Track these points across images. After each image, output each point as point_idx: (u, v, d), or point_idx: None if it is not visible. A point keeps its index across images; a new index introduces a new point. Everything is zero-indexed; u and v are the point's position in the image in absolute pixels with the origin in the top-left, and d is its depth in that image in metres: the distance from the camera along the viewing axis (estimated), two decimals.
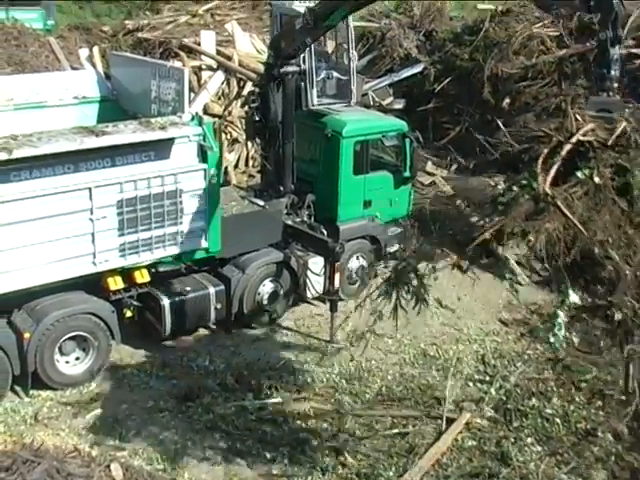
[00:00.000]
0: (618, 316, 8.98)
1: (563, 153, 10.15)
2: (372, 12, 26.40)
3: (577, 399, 12.62)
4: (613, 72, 11.31)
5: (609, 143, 10.89)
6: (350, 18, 15.07)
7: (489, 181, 18.38)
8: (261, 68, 19.37)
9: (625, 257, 9.25)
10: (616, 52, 11.26)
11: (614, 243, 9.34)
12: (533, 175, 12.61)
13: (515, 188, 10.48)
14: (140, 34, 23.82)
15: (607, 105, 11.38)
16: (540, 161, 10.40)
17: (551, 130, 12.49)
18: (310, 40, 14.20)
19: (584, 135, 10.74)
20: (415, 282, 10.19)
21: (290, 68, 14.77)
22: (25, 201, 11.53)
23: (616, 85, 11.24)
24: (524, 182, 10.76)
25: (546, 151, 10.60)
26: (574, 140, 10.43)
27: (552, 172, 9.87)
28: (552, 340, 9.63)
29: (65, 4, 49.18)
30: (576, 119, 12.32)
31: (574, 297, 9.65)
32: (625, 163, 9.79)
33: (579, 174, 10.13)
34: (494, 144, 19.24)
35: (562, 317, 9.54)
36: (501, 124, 19.54)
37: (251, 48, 22.00)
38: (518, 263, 17.07)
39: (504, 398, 12.61)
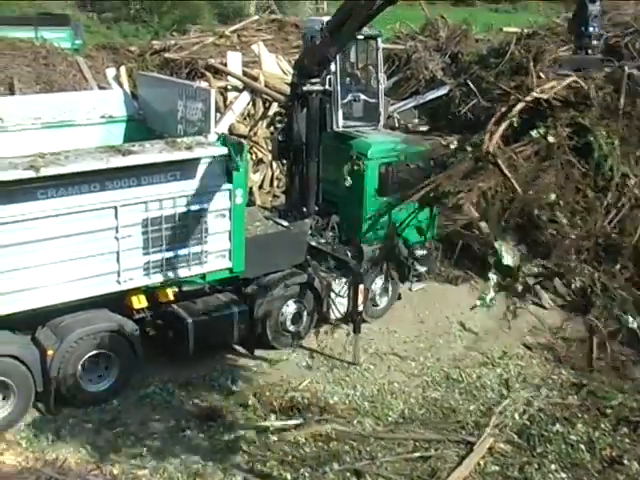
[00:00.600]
0: (577, 284, 8.87)
1: (515, 111, 9.68)
2: (398, 34, 26.51)
3: (602, 425, 12.43)
4: (592, 29, 10.74)
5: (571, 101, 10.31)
6: (379, 40, 15.02)
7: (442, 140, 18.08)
8: (287, 89, 19.50)
9: (584, 221, 9.01)
10: (595, 8, 10.86)
11: (566, 206, 8.99)
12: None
13: (468, 148, 10.01)
14: (167, 54, 24.02)
15: (584, 64, 10.77)
16: (493, 120, 9.92)
17: (511, 88, 11.83)
18: (330, 55, 14.17)
19: (542, 92, 10.16)
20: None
21: (314, 87, 14.80)
22: (51, 219, 11.61)
23: (595, 43, 10.94)
24: (477, 142, 10.30)
25: (503, 109, 10.12)
26: (529, 98, 9.90)
27: (500, 130, 9.42)
28: (484, 301, 9.52)
29: (93, 24, 49.70)
30: (539, 76, 11.77)
31: (508, 259, 9.47)
32: (586, 123, 9.34)
33: (533, 133, 9.67)
34: None
35: (494, 279, 9.41)
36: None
37: (277, 69, 22.11)
38: (543, 287, 16.97)
39: (528, 423, 12.47)
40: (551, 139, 9.20)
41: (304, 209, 15.29)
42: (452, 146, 10.50)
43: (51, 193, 11.51)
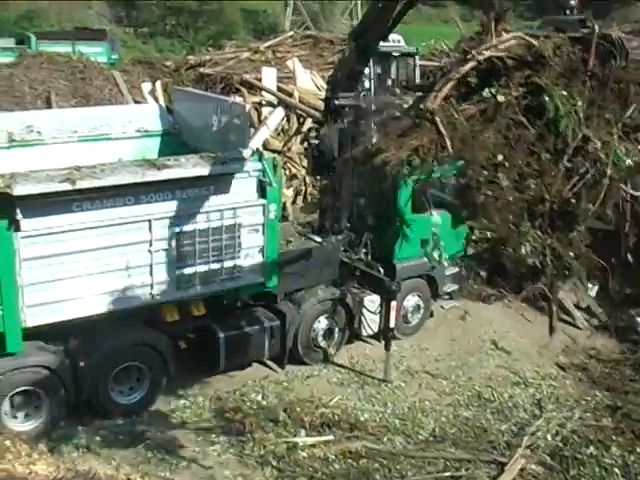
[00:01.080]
0: (527, 249, 8.66)
1: (464, 69, 9.20)
2: (433, 51, 26.49)
3: (638, 449, 12.28)
4: None
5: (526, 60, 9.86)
6: (417, 58, 14.95)
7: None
8: (321, 105, 19.52)
9: (538, 185, 8.73)
10: None
11: (512, 168, 8.67)
12: None
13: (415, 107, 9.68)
14: (202, 69, 24.20)
15: (563, 24, 10.08)
16: (443, 79, 9.54)
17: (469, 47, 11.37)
18: (358, 66, 14.15)
19: (492, 50, 9.65)
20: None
21: (346, 101, 14.79)
22: (86, 231, 11.70)
23: (573, 3, 10.58)
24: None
25: (454, 69, 9.72)
26: (482, 58, 9.42)
27: (445, 89, 9.05)
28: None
29: (129, 39, 50.28)
30: (498, 35, 11.24)
31: (436, 218, 9.24)
32: (541, 82, 8.96)
33: (484, 92, 9.29)
34: None
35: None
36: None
37: (311, 85, 22.17)
38: (577, 307, 16.83)
39: (561, 445, 12.34)
40: (500, 98, 8.86)
41: (336, 225, 15.26)
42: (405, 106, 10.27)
43: (86, 206, 11.61)
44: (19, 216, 11.03)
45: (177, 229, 12.34)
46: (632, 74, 8.84)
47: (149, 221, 12.08)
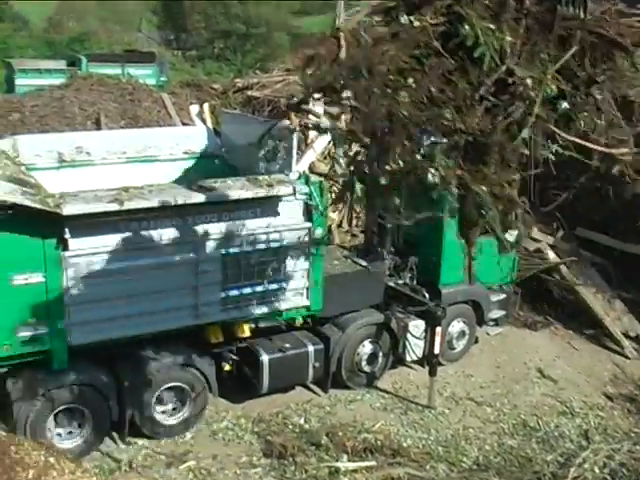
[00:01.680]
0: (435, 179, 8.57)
1: None
2: None
3: None
4: None
5: None
6: None
7: None
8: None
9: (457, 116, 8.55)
10: None
11: (420, 90, 8.45)
12: None
13: None
14: (250, 92, 24.32)
15: None
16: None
17: None
18: None
19: None
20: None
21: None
22: (133, 251, 11.80)
23: None
24: None
25: None
26: None
27: (362, 13, 8.92)
28: None
29: (178, 61, 50.94)
30: None
31: (325, 123, 9.06)
32: (462, 12, 8.70)
33: (402, 19, 9.04)
34: None
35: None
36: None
37: None
38: (626, 335, 16.57)
39: (608, 478, 12.10)
40: (416, 23, 8.70)
41: (381, 249, 15.20)
42: None
43: (133, 226, 11.71)
44: (67, 235, 11.17)
45: (223, 251, 12.38)
46: (588, 26, 8.68)
47: (195, 242, 12.16)
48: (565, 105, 8.67)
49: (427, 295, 14.93)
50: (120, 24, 67.58)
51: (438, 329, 14.16)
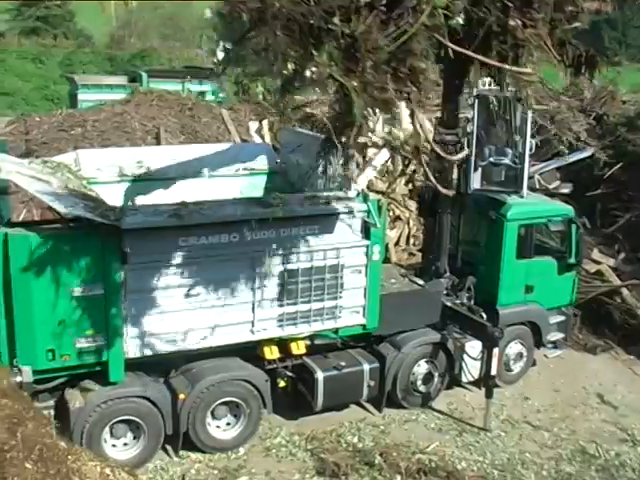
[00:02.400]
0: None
1: None
2: (541, 94, 26.07)
3: None
4: None
5: None
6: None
7: None
8: (427, 147, 19.45)
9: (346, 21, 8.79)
10: None
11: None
12: None
13: None
14: (308, 109, 24.36)
15: None
16: None
17: None
18: (452, 96, 14.27)
19: None
20: None
21: (448, 137, 14.69)
22: (191, 266, 11.86)
23: None
24: None
25: None
26: None
27: None
28: None
29: (237, 77, 51.23)
30: None
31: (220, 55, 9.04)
32: None
33: None
34: None
35: None
36: None
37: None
38: None
39: None
40: None
41: (439, 268, 15.09)
42: None
43: (192, 241, 11.78)
44: (127, 249, 11.27)
45: (280, 267, 12.41)
46: None
47: (253, 258, 12.19)
48: (458, 20, 9.16)
49: (484, 316, 14.73)
50: (180, 41, 68.36)
51: (495, 350, 13.94)
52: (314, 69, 9.34)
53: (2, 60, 59.60)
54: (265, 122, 23.92)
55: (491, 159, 14.91)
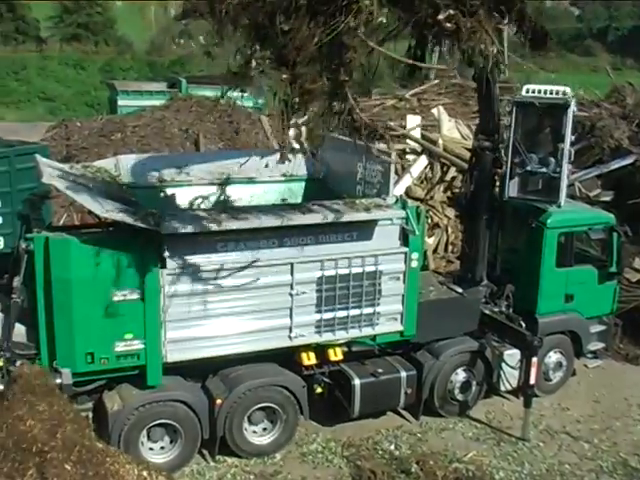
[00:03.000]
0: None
1: None
2: (582, 101, 25.86)
3: None
4: None
5: None
6: (569, 111, 14.25)
7: None
8: (466, 154, 19.36)
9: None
10: None
11: None
12: None
13: None
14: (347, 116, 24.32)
15: None
16: None
17: None
18: (485, 101, 14.25)
19: None
20: None
21: (485, 143, 14.58)
22: (229, 271, 11.89)
23: None
24: None
25: None
26: None
27: None
28: None
29: (275, 84, 51.46)
30: None
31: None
32: None
33: None
34: None
35: None
36: None
37: (456, 133, 22.02)
38: None
39: None
40: None
41: (478, 276, 14.99)
42: None
43: (230, 246, 11.84)
44: (166, 253, 11.37)
45: (318, 273, 12.40)
46: None
47: (291, 264, 12.20)
48: (383, 19, 9.45)
49: (523, 324, 14.56)
50: (220, 46, 68.85)
51: (534, 359, 13.79)
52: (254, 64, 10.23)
53: (44, 66, 60.55)
54: (303, 128, 23.93)
55: (528, 167, 14.74)
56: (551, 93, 14.36)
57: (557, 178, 14.56)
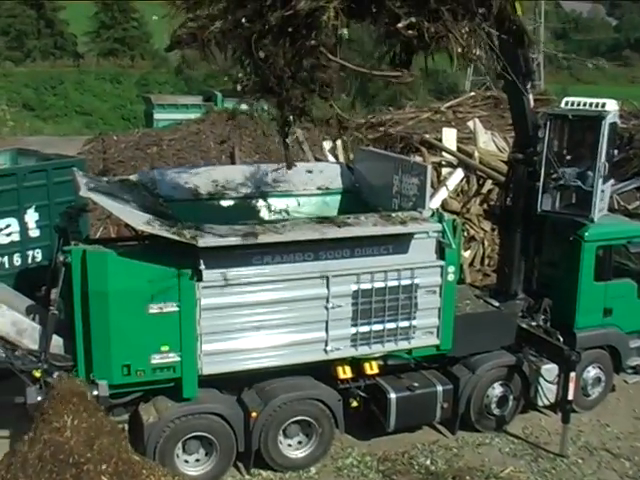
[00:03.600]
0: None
1: None
2: (620, 112, 25.59)
3: None
4: None
5: None
6: (604, 123, 14.02)
7: None
8: (502, 167, 19.26)
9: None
10: None
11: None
12: None
13: None
14: (382, 128, 24.35)
15: None
16: None
17: None
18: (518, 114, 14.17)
19: None
20: None
21: (519, 155, 14.49)
22: (264, 284, 11.92)
23: None
24: None
25: None
26: None
27: None
28: None
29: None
30: None
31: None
32: None
33: None
34: None
35: None
36: None
37: (492, 146, 21.91)
38: None
39: None
40: None
41: (514, 289, 14.87)
42: None
43: (266, 259, 11.85)
44: (202, 266, 11.38)
45: (354, 286, 12.35)
46: None
47: (327, 277, 12.16)
48: (344, 32, 9.65)
49: (561, 338, 14.38)
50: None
51: (572, 374, 13.61)
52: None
53: (81, 81, 61.29)
54: (339, 142, 23.98)
55: (561, 181, 14.58)
56: (590, 106, 14.22)
57: (588, 193, 14.36)
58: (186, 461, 12.17)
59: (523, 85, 13.82)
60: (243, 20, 9.72)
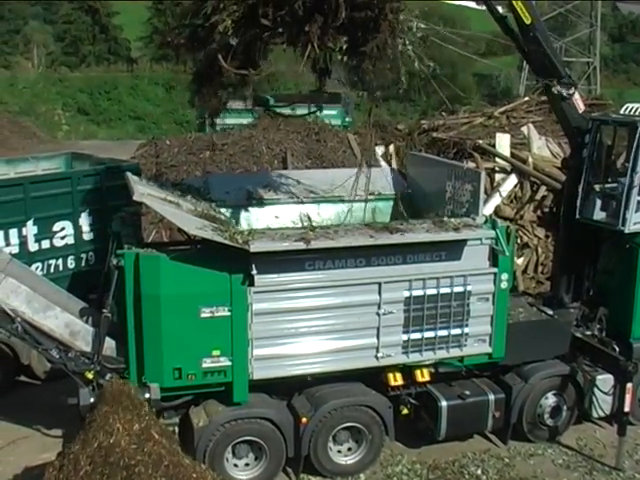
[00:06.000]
0: None
1: None
2: None
3: None
4: None
5: None
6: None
7: None
8: (556, 173, 19.02)
9: None
10: None
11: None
12: None
13: None
14: (435, 134, 24.18)
15: None
16: None
17: None
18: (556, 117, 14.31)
19: None
20: None
21: (571, 161, 14.30)
22: (316, 290, 11.91)
23: None
24: None
25: None
26: None
27: None
28: None
29: (362, 102, 51.58)
30: None
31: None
32: None
33: None
34: None
35: None
36: None
37: (546, 152, 21.60)
38: None
39: None
40: None
41: (569, 298, 14.66)
42: None
43: (318, 265, 11.82)
44: (254, 271, 11.41)
45: (406, 293, 12.26)
46: None
47: (379, 283, 12.09)
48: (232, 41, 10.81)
49: (617, 348, 14.14)
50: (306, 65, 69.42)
51: (629, 385, 13.33)
52: None
53: (135, 86, 62.05)
54: (391, 147, 23.88)
55: (597, 188, 14.32)
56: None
57: (619, 201, 13.98)
58: (235, 465, 12.21)
59: (558, 89, 13.62)
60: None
